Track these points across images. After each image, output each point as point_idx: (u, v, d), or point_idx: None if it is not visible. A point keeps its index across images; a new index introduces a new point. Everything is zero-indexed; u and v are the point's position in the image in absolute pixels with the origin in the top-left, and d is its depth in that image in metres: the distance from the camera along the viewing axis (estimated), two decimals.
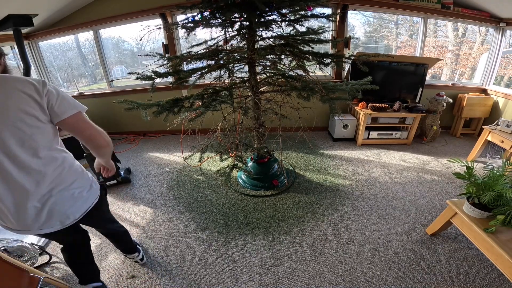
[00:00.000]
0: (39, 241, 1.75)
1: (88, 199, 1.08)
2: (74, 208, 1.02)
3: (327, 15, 1.69)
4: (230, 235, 1.84)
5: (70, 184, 1.00)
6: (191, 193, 2.34)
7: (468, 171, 1.41)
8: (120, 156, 3.14)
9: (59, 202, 0.97)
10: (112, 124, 3.78)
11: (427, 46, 3.64)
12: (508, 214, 1.23)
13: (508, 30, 3.16)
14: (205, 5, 1.59)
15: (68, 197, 0.99)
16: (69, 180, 1.00)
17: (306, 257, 1.64)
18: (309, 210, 2.07)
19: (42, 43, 3.44)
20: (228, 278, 1.52)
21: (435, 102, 3.17)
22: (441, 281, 1.45)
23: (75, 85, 3.57)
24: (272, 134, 3.05)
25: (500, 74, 3.68)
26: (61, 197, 0.97)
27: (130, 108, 1.62)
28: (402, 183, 2.40)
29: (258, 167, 2.39)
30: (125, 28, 3.40)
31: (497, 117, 2.89)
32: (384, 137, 3.22)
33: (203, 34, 1.83)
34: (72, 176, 1.01)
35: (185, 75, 1.82)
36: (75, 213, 1.03)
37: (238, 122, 2.13)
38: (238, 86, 2.00)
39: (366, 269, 1.55)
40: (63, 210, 0.99)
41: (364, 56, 1.82)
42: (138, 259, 1.60)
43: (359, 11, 3.29)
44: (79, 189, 1.03)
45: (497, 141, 2.49)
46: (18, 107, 0.81)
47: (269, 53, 1.80)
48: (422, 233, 1.81)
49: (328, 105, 1.79)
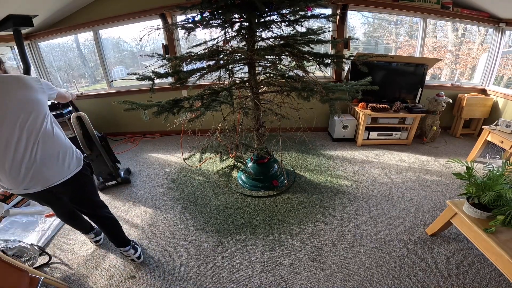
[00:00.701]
0: (38, 242, 1.75)
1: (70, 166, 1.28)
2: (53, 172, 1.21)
3: (327, 16, 1.69)
4: (230, 235, 1.84)
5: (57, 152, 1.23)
6: (191, 194, 2.34)
7: (468, 171, 1.41)
8: (120, 157, 3.14)
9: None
10: (112, 124, 3.78)
11: (427, 46, 3.65)
12: (508, 214, 1.23)
13: (507, 30, 3.16)
14: (205, 6, 1.59)
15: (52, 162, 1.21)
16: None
17: (306, 258, 1.64)
18: (309, 210, 2.07)
19: (42, 43, 3.44)
20: (228, 279, 1.52)
21: (434, 102, 3.18)
22: (441, 282, 1.45)
23: (75, 86, 3.56)
24: (272, 135, 3.05)
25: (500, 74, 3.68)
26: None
27: (130, 109, 1.62)
28: (402, 184, 2.40)
29: (258, 168, 2.39)
30: (125, 28, 3.40)
31: (497, 117, 2.89)
32: (384, 138, 3.22)
33: (203, 34, 1.83)
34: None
35: (185, 75, 1.82)
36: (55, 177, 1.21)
37: (238, 123, 2.13)
38: (238, 86, 2.00)
39: (366, 270, 1.55)
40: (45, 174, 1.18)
41: (363, 57, 1.82)
42: (135, 257, 1.60)
43: (359, 11, 3.29)
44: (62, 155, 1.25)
45: (496, 141, 2.49)
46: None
47: (269, 54, 1.80)
48: (422, 234, 1.81)
49: (328, 105, 1.79)
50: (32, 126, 1.12)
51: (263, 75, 2.08)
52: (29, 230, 1.86)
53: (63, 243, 1.81)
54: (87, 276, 1.55)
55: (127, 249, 1.59)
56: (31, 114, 1.12)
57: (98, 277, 1.54)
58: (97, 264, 1.63)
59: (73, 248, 1.76)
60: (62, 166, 1.23)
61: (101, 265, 1.62)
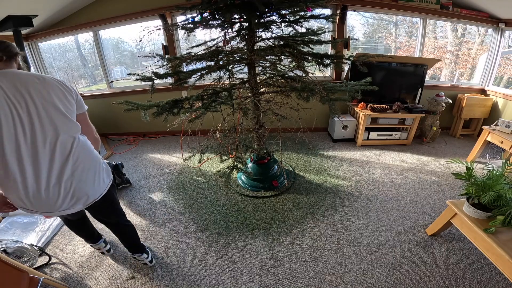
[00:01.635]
0: (38, 242, 1.75)
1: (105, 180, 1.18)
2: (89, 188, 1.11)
3: (327, 16, 1.69)
4: (230, 236, 1.84)
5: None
6: (191, 194, 2.34)
7: (468, 171, 1.41)
8: (120, 157, 3.14)
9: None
10: (112, 125, 3.78)
11: (427, 46, 3.65)
12: (508, 215, 1.23)
13: (507, 31, 3.17)
14: (205, 6, 1.59)
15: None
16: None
17: (306, 258, 1.64)
18: (309, 211, 2.07)
19: (42, 44, 3.44)
20: (228, 279, 1.52)
21: (434, 102, 3.18)
22: (442, 282, 1.45)
23: (75, 86, 3.57)
24: (272, 135, 3.05)
25: (499, 74, 3.68)
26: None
27: (130, 109, 1.62)
28: (402, 184, 2.40)
29: (258, 168, 2.39)
30: (125, 29, 3.40)
31: (497, 118, 2.89)
32: (384, 138, 3.22)
33: (203, 35, 1.83)
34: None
35: (184, 76, 1.82)
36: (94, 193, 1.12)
37: (238, 123, 2.13)
38: (237, 87, 2.01)
39: (366, 270, 1.55)
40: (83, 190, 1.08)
41: (363, 57, 1.82)
42: (147, 261, 1.57)
43: (359, 11, 3.30)
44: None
45: (496, 141, 2.49)
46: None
47: (269, 54, 1.80)
48: (422, 234, 1.81)
49: (328, 106, 1.79)
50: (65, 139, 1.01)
51: (263, 75, 2.08)
52: (28, 231, 1.86)
53: (63, 244, 1.81)
54: (87, 277, 1.55)
55: (141, 255, 1.55)
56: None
57: (98, 277, 1.54)
58: (97, 265, 1.63)
59: (73, 248, 1.76)
60: (98, 180, 1.13)
61: (101, 265, 1.62)
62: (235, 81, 2.01)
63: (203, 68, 1.82)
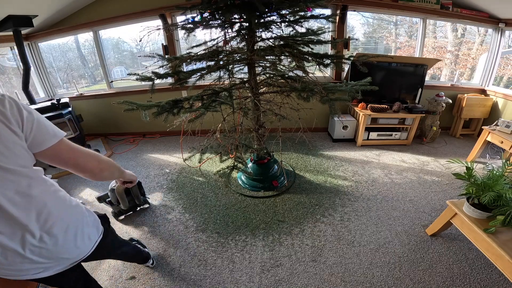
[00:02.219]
0: None
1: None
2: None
3: (327, 16, 1.69)
4: (230, 236, 1.84)
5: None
6: (191, 194, 2.34)
7: (468, 171, 1.41)
8: (120, 157, 3.14)
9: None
10: (112, 125, 3.78)
11: (427, 46, 3.65)
12: (508, 215, 1.23)
13: (507, 31, 3.17)
14: (205, 6, 1.59)
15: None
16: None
17: (306, 258, 1.64)
18: (309, 211, 2.07)
19: (42, 44, 3.44)
20: (228, 279, 1.52)
21: (434, 102, 3.18)
22: (442, 282, 1.45)
23: (74, 86, 3.57)
24: (272, 135, 3.05)
25: (499, 74, 3.68)
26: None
27: (130, 109, 1.62)
28: (402, 184, 2.40)
29: (258, 168, 2.39)
30: (125, 29, 3.40)
31: (497, 118, 2.89)
32: (384, 138, 3.22)
33: (203, 35, 1.83)
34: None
35: (184, 76, 1.82)
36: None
37: (238, 123, 2.13)
38: (237, 87, 2.00)
39: (366, 270, 1.55)
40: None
41: (363, 57, 1.82)
42: (149, 264, 1.59)
43: (359, 11, 3.30)
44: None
45: (496, 141, 2.49)
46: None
47: (269, 54, 1.80)
48: (422, 234, 1.81)
49: (328, 106, 1.79)
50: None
51: (263, 75, 2.08)
52: None
53: None
54: None
55: (146, 262, 1.57)
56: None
57: (98, 278, 1.54)
58: (97, 265, 1.62)
59: None
60: (82, 240, 0.86)
61: (101, 265, 1.62)
62: (235, 81, 2.01)
63: (203, 68, 1.82)
